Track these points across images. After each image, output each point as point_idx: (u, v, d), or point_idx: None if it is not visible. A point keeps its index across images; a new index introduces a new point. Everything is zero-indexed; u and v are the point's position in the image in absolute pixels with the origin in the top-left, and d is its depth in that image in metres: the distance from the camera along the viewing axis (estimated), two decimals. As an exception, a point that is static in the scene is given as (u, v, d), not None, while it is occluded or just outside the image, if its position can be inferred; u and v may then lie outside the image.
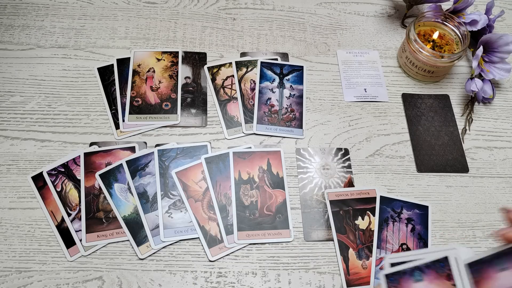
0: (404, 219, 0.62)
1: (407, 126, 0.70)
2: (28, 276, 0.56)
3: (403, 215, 0.62)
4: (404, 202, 0.63)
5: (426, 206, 0.63)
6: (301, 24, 0.80)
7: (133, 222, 0.59)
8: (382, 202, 0.63)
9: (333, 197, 0.63)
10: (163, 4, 0.80)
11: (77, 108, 0.68)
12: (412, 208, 0.63)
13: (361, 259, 0.59)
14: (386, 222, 0.62)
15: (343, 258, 0.59)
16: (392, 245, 0.60)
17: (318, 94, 0.73)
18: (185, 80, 0.72)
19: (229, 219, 0.60)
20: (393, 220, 0.62)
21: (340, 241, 0.60)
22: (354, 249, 0.60)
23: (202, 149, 0.65)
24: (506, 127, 0.72)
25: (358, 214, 0.62)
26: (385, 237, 0.60)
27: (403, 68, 0.75)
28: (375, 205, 0.62)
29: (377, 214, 0.62)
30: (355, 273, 0.58)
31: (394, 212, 0.62)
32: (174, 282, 0.57)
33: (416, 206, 0.63)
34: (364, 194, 0.63)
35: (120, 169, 0.62)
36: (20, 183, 0.62)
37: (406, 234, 0.61)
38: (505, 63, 0.71)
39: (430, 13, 0.73)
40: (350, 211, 0.62)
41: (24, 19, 0.76)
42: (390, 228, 0.61)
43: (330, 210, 0.62)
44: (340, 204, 0.63)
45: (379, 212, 0.62)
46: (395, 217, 0.62)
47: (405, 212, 0.62)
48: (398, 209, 0.63)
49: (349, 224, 0.61)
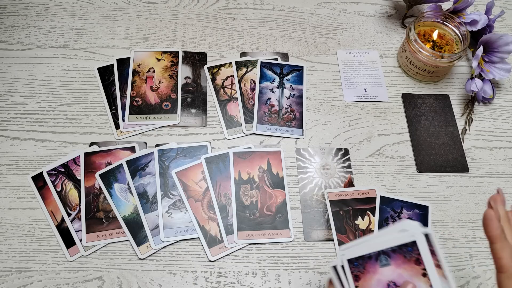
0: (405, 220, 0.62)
1: (407, 126, 0.70)
2: (28, 276, 0.56)
3: (403, 215, 0.62)
4: (404, 202, 0.63)
5: (426, 206, 0.63)
6: (301, 24, 0.80)
7: (133, 222, 0.59)
8: (382, 202, 0.63)
9: (333, 197, 0.63)
10: (163, 4, 0.80)
11: (77, 108, 0.68)
12: (412, 208, 0.63)
13: None
14: (386, 222, 0.62)
15: None
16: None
17: (318, 94, 0.73)
18: (185, 80, 0.72)
19: (229, 219, 0.60)
20: (393, 220, 0.62)
21: (340, 241, 0.60)
22: None
23: (202, 149, 0.65)
24: (506, 127, 0.72)
25: (358, 214, 0.62)
26: None
27: (403, 68, 0.76)
28: (375, 205, 0.62)
29: (377, 214, 0.62)
30: None
31: (394, 212, 0.62)
32: (174, 282, 0.57)
33: (416, 206, 0.63)
34: (364, 194, 0.63)
35: (120, 169, 0.62)
36: (20, 183, 0.62)
37: None
38: (505, 63, 0.71)
39: (430, 13, 0.73)
40: (350, 211, 0.62)
41: (24, 19, 0.76)
42: None
43: (330, 210, 0.62)
44: (340, 204, 0.63)
45: (379, 212, 0.62)
46: (395, 217, 0.62)
47: (405, 212, 0.62)
48: (398, 209, 0.63)
49: (349, 224, 0.61)
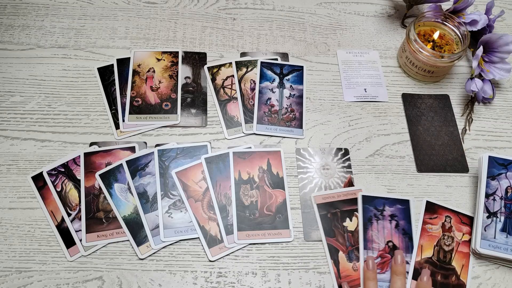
0: (388, 216, 0.61)
1: (407, 126, 0.70)
2: (28, 276, 0.56)
3: (386, 212, 0.62)
4: (385, 199, 0.63)
5: (407, 200, 0.63)
6: (301, 24, 0.80)
7: (133, 222, 0.59)
8: (364, 202, 0.62)
9: (319, 200, 0.63)
10: (163, 4, 0.80)
11: (77, 108, 0.68)
12: (394, 204, 0.62)
13: (351, 261, 0.59)
14: (370, 221, 0.61)
15: (334, 262, 0.59)
16: (378, 244, 0.60)
17: (318, 94, 0.73)
18: (185, 80, 0.72)
19: (229, 219, 0.60)
20: (377, 219, 0.61)
21: (330, 245, 0.60)
22: (344, 251, 0.59)
23: (202, 149, 0.65)
24: (506, 127, 0.72)
25: (346, 216, 0.62)
26: (370, 237, 0.60)
27: (403, 68, 0.76)
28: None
29: (361, 214, 0.61)
30: (346, 276, 0.58)
31: (377, 210, 0.62)
32: (174, 282, 0.57)
33: (398, 202, 0.63)
34: (350, 195, 0.63)
35: (120, 169, 0.62)
36: (20, 183, 0.62)
37: (391, 231, 0.61)
38: (505, 63, 0.71)
39: (430, 13, 0.73)
40: (338, 213, 0.62)
41: (24, 19, 0.76)
42: (375, 227, 0.61)
43: (317, 214, 0.61)
44: (327, 207, 0.62)
45: (362, 212, 0.62)
46: (378, 215, 0.62)
47: (388, 209, 0.62)
48: (381, 207, 0.62)
49: (337, 227, 0.61)
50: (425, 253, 0.60)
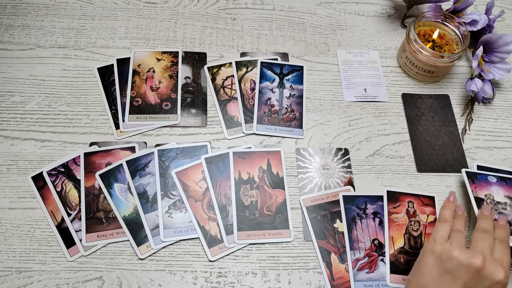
0: (371, 214, 0.61)
1: (407, 126, 0.70)
2: (28, 276, 0.56)
3: (369, 210, 0.62)
4: (366, 197, 0.63)
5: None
6: (301, 24, 0.80)
7: (133, 222, 0.59)
8: (346, 202, 0.62)
9: (309, 202, 0.62)
10: (163, 4, 0.80)
11: (77, 108, 0.68)
12: (375, 201, 0.62)
13: (343, 262, 0.58)
14: (353, 221, 0.61)
15: (326, 264, 0.58)
16: (364, 243, 0.59)
17: (318, 94, 0.73)
18: (185, 80, 0.72)
19: (229, 219, 0.60)
20: (360, 218, 0.61)
21: (321, 247, 0.59)
22: (335, 253, 0.59)
23: (202, 149, 0.65)
24: (506, 127, 0.72)
25: (336, 217, 0.61)
26: (356, 237, 0.60)
27: (403, 68, 0.76)
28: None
29: (344, 215, 0.61)
30: (340, 278, 0.57)
31: (359, 209, 0.62)
32: (174, 282, 0.57)
33: (379, 198, 0.62)
34: (339, 196, 0.63)
35: (120, 169, 0.62)
36: (20, 183, 0.62)
37: (375, 228, 0.60)
38: (505, 63, 0.71)
39: (430, 13, 0.73)
40: (328, 215, 0.61)
41: (24, 19, 0.76)
42: (359, 227, 0.60)
43: (307, 217, 0.61)
44: (317, 209, 0.62)
45: (345, 212, 0.61)
46: (361, 214, 0.61)
47: (370, 207, 0.62)
48: (362, 205, 0.62)
49: (328, 229, 0.61)
50: (397, 244, 0.59)
